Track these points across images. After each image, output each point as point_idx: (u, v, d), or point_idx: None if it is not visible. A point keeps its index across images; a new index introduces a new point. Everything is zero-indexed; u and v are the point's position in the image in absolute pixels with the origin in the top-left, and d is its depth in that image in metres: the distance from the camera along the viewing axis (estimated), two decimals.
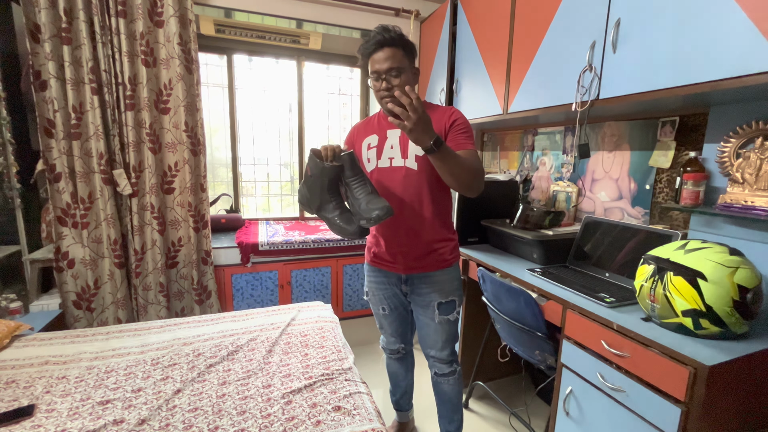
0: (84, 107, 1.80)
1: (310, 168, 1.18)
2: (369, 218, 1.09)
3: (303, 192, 1.24)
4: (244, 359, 1.32)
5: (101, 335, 1.46)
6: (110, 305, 1.94)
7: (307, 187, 1.21)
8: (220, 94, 2.60)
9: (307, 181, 1.20)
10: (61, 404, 1.07)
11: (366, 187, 1.15)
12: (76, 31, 1.74)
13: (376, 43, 1.16)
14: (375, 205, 1.09)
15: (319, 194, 1.19)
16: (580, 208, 1.79)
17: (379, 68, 1.16)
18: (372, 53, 1.17)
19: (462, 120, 1.22)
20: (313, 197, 1.20)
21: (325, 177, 1.16)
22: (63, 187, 1.81)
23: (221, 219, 2.44)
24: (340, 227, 1.18)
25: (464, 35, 2.05)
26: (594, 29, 1.30)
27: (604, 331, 1.07)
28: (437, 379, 1.43)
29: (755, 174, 1.09)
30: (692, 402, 0.86)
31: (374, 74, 1.18)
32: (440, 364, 1.39)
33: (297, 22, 2.31)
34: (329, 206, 1.20)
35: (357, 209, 1.14)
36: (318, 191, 1.18)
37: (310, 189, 1.20)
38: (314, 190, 1.19)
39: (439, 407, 1.50)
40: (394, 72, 1.16)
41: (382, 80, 1.17)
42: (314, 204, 1.21)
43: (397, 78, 1.16)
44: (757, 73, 0.89)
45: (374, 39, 1.16)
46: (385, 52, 1.15)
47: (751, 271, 0.93)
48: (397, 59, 1.16)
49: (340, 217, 1.18)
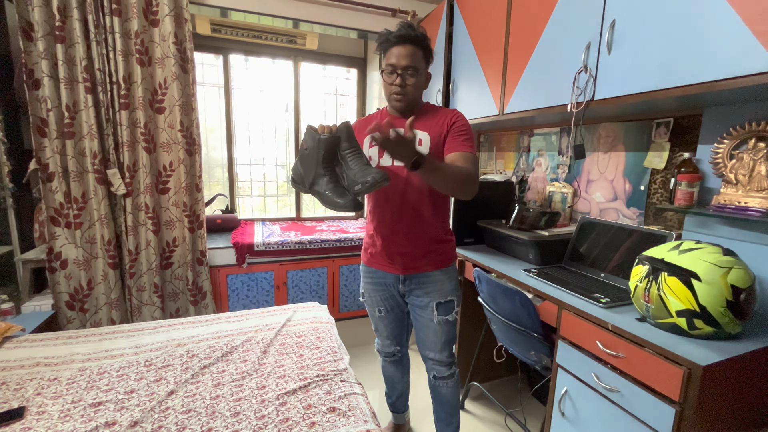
0: (78, 106, 1.78)
1: (306, 141, 1.16)
2: (364, 182, 1.06)
3: (297, 168, 1.22)
4: (239, 360, 1.31)
5: (94, 336, 1.44)
6: (104, 306, 1.92)
7: (302, 161, 1.19)
8: (216, 94, 2.59)
9: (302, 155, 1.18)
10: (52, 406, 1.06)
11: (361, 159, 1.13)
12: (69, 30, 1.73)
13: (399, 37, 1.15)
14: (370, 171, 1.08)
15: (314, 168, 1.15)
16: (576, 209, 1.79)
17: (396, 63, 1.15)
18: (393, 46, 1.16)
19: (461, 122, 1.21)
20: (308, 172, 1.17)
21: (321, 149, 1.13)
22: (56, 187, 1.80)
23: (217, 219, 2.43)
24: (332, 200, 1.14)
25: (460, 36, 2.05)
26: (589, 30, 1.31)
27: (599, 332, 1.07)
28: (436, 382, 1.41)
29: (748, 175, 1.10)
30: (686, 402, 0.87)
31: (389, 67, 1.17)
32: (439, 367, 1.37)
33: (293, 22, 2.30)
34: (322, 180, 1.16)
35: (352, 178, 1.11)
36: (313, 164, 1.15)
37: (304, 163, 1.18)
38: (309, 163, 1.16)
39: (437, 410, 1.48)
40: (410, 71, 1.15)
41: (398, 75, 1.16)
42: (308, 179, 1.18)
43: (412, 77, 1.16)
44: (750, 74, 0.89)
45: (398, 32, 1.15)
46: (407, 49, 1.14)
47: (744, 271, 0.94)
48: (417, 59, 1.16)
49: (333, 191, 1.15)
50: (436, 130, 1.21)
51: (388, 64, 1.17)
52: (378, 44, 1.20)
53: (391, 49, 1.16)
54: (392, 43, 1.16)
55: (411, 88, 1.18)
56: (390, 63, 1.16)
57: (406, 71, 1.15)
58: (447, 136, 1.19)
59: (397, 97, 1.19)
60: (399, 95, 1.18)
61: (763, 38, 0.86)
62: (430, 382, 1.44)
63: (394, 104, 1.22)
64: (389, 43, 1.17)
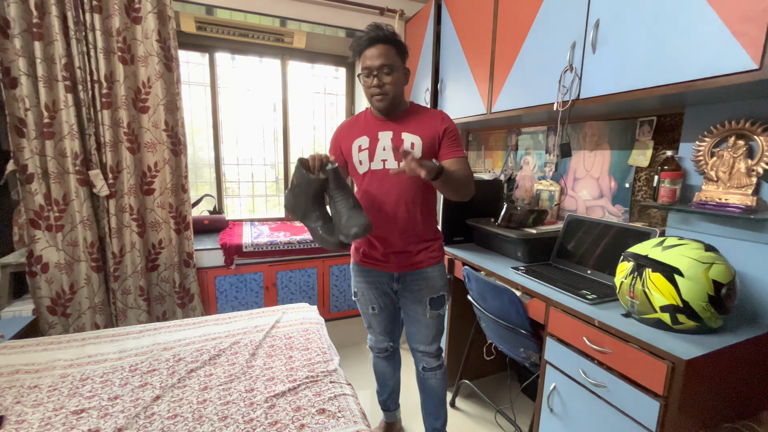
0: (57, 105, 1.73)
1: (296, 177, 1.18)
2: (348, 234, 1.12)
3: (289, 199, 1.26)
4: (227, 363, 1.29)
5: (77, 342, 1.41)
6: (87, 310, 1.88)
7: (293, 195, 1.23)
8: (203, 93, 2.55)
9: (293, 190, 1.21)
10: (32, 415, 1.03)
11: (348, 201, 1.16)
12: (48, 27, 1.68)
13: (369, 39, 1.16)
14: (354, 222, 1.12)
15: (303, 203, 1.20)
16: (563, 207, 1.81)
17: (371, 64, 1.16)
18: (364, 49, 1.17)
19: (453, 127, 1.27)
20: (298, 205, 1.22)
21: (311, 188, 1.17)
22: (36, 189, 1.74)
23: (204, 220, 2.39)
24: (321, 237, 1.21)
25: (448, 35, 2.06)
26: (574, 30, 1.32)
27: (586, 328, 1.08)
28: (425, 374, 1.44)
29: (728, 172, 1.13)
30: (670, 396, 0.88)
31: (365, 70, 1.18)
32: (429, 358, 1.41)
33: (281, 21, 2.28)
34: (313, 216, 1.22)
35: (338, 223, 1.16)
36: (302, 201, 1.20)
37: (296, 197, 1.22)
38: (299, 199, 1.21)
39: (425, 404, 1.50)
40: (386, 69, 1.16)
41: (374, 77, 1.17)
42: (299, 212, 1.23)
43: (388, 75, 1.17)
44: (729, 73, 0.91)
45: (367, 35, 1.16)
46: (378, 49, 1.15)
47: (725, 266, 0.96)
48: (390, 57, 1.17)
49: (322, 227, 1.21)
50: (427, 133, 1.24)
51: (363, 68, 1.19)
52: (352, 52, 1.22)
53: (364, 52, 1.17)
54: (364, 47, 1.17)
55: (390, 86, 1.19)
56: (365, 66, 1.18)
57: (381, 71, 1.16)
58: (441, 141, 1.25)
59: (379, 98, 1.20)
60: (380, 95, 1.19)
61: (742, 38, 0.88)
62: (419, 375, 1.47)
63: (377, 105, 1.23)
64: (361, 47, 1.18)
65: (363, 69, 1.19)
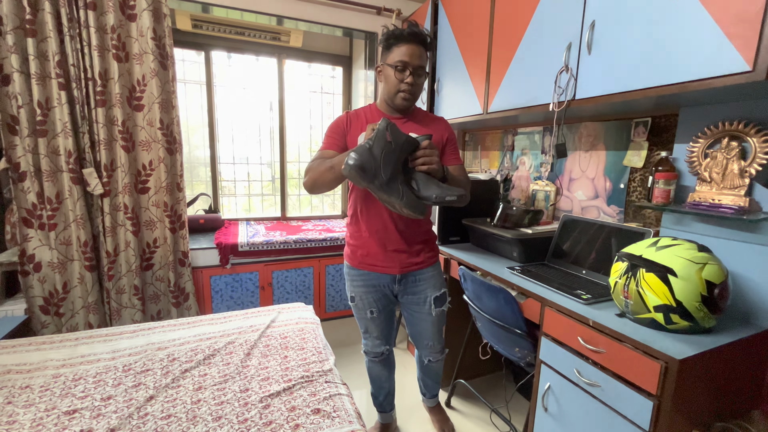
0: (51, 103, 1.72)
1: (392, 135, 1.06)
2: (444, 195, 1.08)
3: (371, 158, 1.06)
4: (222, 363, 1.28)
5: (69, 341, 1.39)
6: (80, 310, 1.86)
7: (383, 154, 1.06)
8: (198, 92, 2.54)
9: (384, 149, 1.06)
10: (23, 415, 1.02)
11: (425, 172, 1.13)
12: (41, 23, 1.66)
13: (414, 35, 1.15)
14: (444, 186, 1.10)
15: (393, 164, 1.08)
16: (558, 207, 1.82)
17: (410, 61, 1.16)
18: (406, 43, 1.16)
19: (453, 135, 1.33)
20: (387, 166, 1.07)
21: (405, 147, 1.08)
22: (28, 187, 1.73)
23: (200, 219, 2.38)
24: (412, 200, 1.09)
25: (445, 35, 2.06)
26: (570, 31, 1.32)
27: (581, 328, 1.08)
28: (430, 364, 1.52)
29: (722, 173, 1.13)
30: (664, 395, 0.89)
31: (401, 64, 1.16)
32: (435, 353, 1.48)
33: (277, 19, 2.27)
34: (400, 178, 1.10)
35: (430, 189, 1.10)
36: (394, 161, 1.08)
37: (386, 158, 1.07)
38: (390, 159, 1.07)
39: (425, 381, 1.63)
40: (421, 71, 1.18)
41: (410, 74, 1.17)
42: (386, 173, 1.07)
43: (420, 78, 1.19)
44: (723, 75, 0.92)
45: (412, 30, 1.15)
46: (420, 49, 1.17)
47: (718, 267, 0.96)
48: (425, 60, 1.19)
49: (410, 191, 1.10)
50: (435, 138, 1.27)
51: (400, 61, 1.16)
52: (387, 38, 1.19)
53: (403, 45, 1.16)
54: (406, 40, 1.15)
55: (419, 88, 1.21)
56: (402, 60, 1.16)
57: (417, 71, 1.17)
58: (445, 148, 1.30)
59: (406, 96, 1.19)
60: (409, 94, 1.19)
61: (735, 40, 0.89)
62: (423, 364, 1.54)
63: (401, 103, 1.21)
64: (403, 39, 1.16)
65: (398, 62, 1.16)
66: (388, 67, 1.19)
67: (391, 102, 1.24)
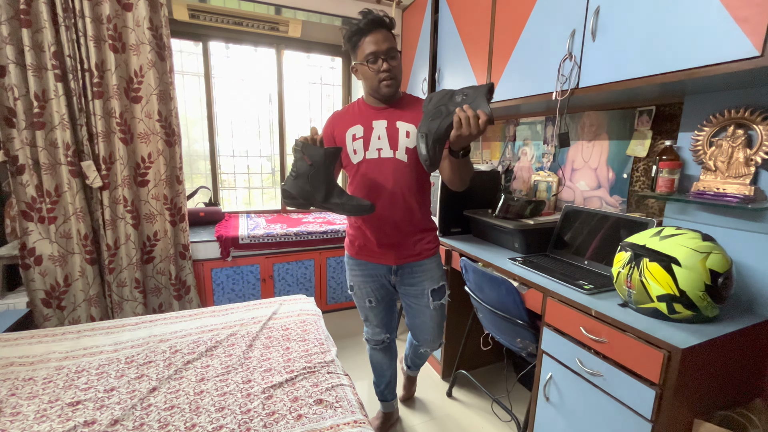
0: (47, 95, 1.70)
1: (309, 157, 1.08)
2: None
3: (299, 187, 1.10)
4: (224, 355, 1.28)
5: (72, 334, 1.40)
6: (82, 303, 1.87)
7: (308, 179, 1.10)
8: (197, 84, 2.51)
9: (308, 173, 1.09)
10: (27, 407, 1.02)
11: None
12: (36, 14, 1.64)
13: (371, 23, 1.14)
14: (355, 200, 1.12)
15: (324, 182, 1.11)
16: (560, 198, 1.81)
17: (377, 49, 1.14)
18: (366, 35, 1.14)
19: None
20: (318, 187, 1.11)
21: (329, 161, 1.10)
22: (27, 180, 1.72)
23: (200, 212, 2.38)
24: (359, 205, 1.13)
25: (446, 24, 2.03)
26: (574, 17, 1.30)
27: (583, 318, 1.08)
28: (425, 353, 1.53)
29: (727, 162, 1.12)
30: (666, 384, 0.89)
31: (371, 55, 1.15)
32: (432, 346, 1.47)
33: (276, 8, 2.24)
34: (335, 191, 1.13)
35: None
36: (323, 179, 1.11)
37: (313, 180, 1.10)
38: (318, 179, 1.10)
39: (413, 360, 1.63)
40: (392, 52, 1.16)
41: (383, 61, 1.15)
42: (320, 194, 1.12)
43: (394, 60, 1.17)
44: (730, 61, 0.90)
45: (367, 19, 1.14)
46: (382, 33, 1.15)
47: (722, 256, 0.96)
48: (392, 41, 1.17)
49: (350, 197, 1.14)
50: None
51: (369, 54, 1.15)
52: (349, 38, 1.18)
53: (364, 38, 1.15)
54: (365, 32, 1.14)
55: (398, 70, 1.19)
56: (371, 52, 1.15)
57: (389, 54, 1.15)
58: None
59: (388, 82, 1.18)
60: (389, 79, 1.17)
61: (744, 25, 0.87)
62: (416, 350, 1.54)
63: (386, 91, 1.20)
64: (361, 33, 1.15)
65: (368, 55, 1.15)
66: (361, 64, 1.18)
67: (376, 94, 1.23)
